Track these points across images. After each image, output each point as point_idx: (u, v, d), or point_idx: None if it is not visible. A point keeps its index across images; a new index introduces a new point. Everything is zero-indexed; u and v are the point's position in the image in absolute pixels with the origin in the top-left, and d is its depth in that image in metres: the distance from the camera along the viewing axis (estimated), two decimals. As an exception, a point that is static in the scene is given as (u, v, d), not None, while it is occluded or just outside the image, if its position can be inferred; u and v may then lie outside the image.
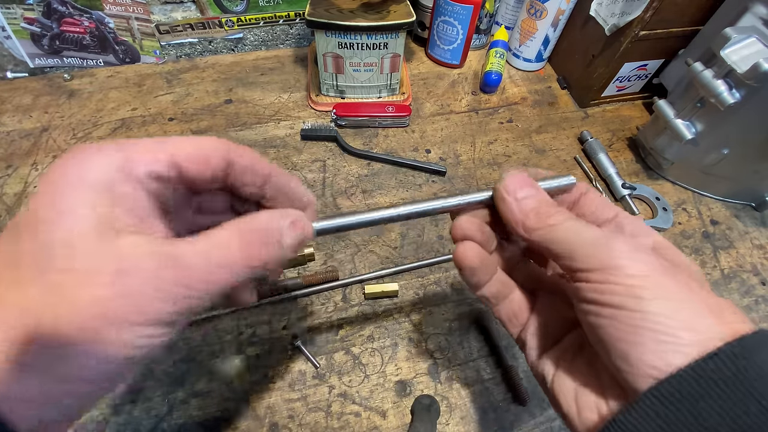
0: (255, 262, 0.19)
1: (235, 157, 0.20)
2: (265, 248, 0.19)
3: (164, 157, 0.18)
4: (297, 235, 0.21)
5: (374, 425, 0.36)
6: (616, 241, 0.19)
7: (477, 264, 0.24)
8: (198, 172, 0.19)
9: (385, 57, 0.54)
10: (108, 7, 0.56)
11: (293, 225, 0.21)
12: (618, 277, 0.18)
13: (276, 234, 0.20)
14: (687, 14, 0.52)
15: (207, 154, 0.20)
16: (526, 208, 0.22)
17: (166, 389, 0.36)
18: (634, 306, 0.18)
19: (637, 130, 0.58)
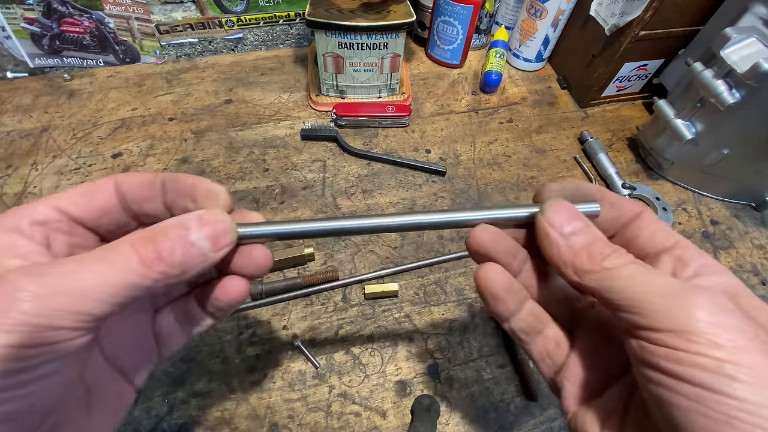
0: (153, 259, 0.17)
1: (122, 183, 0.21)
2: (165, 243, 0.18)
3: (41, 206, 0.19)
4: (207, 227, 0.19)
5: (374, 425, 0.36)
6: (697, 296, 0.15)
7: (501, 292, 0.21)
8: (84, 210, 0.20)
9: (385, 57, 0.54)
10: (108, 7, 0.56)
11: (198, 218, 0.19)
12: (702, 345, 0.14)
13: (177, 228, 0.18)
14: (687, 14, 0.52)
15: (90, 192, 0.20)
16: (576, 247, 0.19)
17: (166, 389, 0.36)
18: (726, 389, 0.14)
19: (637, 130, 0.58)
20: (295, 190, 0.50)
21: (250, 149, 0.53)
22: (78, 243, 0.21)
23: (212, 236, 0.19)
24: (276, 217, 0.47)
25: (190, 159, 0.52)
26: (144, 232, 0.18)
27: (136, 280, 0.17)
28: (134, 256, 0.17)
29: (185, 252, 0.18)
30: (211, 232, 0.19)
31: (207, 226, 0.19)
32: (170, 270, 0.18)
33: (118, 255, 0.17)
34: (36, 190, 0.48)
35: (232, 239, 0.20)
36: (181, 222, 0.19)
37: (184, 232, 0.18)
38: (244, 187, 0.50)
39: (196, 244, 0.18)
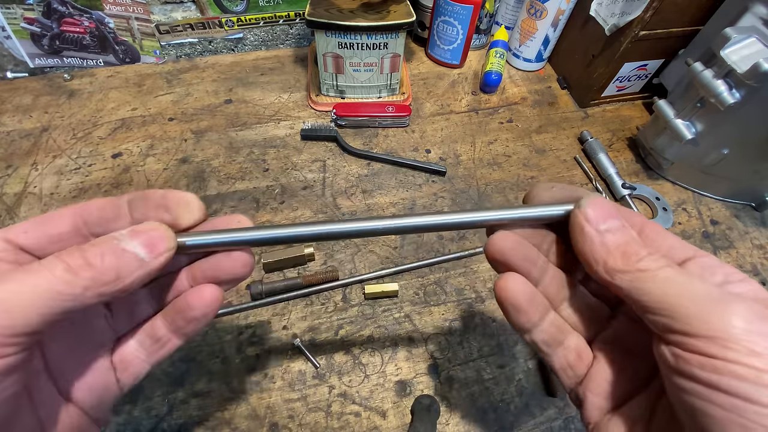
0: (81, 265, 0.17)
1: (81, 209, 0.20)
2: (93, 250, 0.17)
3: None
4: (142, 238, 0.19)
5: (374, 425, 0.36)
6: (733, 302, 0.15)
7: (524, 303, 0.20)
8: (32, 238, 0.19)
9: (385, 57, 0.54)
10: (108, 7, 0.56)
11: (132, 231, 0.19)
12: (739, 353, 0.14)
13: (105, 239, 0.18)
14: (687, 14, 0.52)
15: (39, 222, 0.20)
16: (611, 245, 0.18)
17: (166, 389, 0.36)
18: (766, 400, 0.13)
19: (637, 130, 0.58)
20: (295, 190, 0.50)
21: (250, 149, 0.53)
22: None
23: (146, 244, 0.19)
24: (276, 218, 0.47)
25: (190, 159, 0.52)
26: (71, 247, 0.18)
27: (62, 287, 0.16)
28: (59, 263, 0.17)
29: (118, 257, 0.18)
30: (144, 240, 0.19)
31: (139, 235, 0.19)
32: (102, 276, 0.17)
33: (42, 266, 0.17)
34: (36, 190, 0.48)
35: (169, 245, 0.19)
36: (113, 235, 0.19)
37: (115, 242, 0.18)
38: (244, 187, 0.50)
39: (129, 250, 0.18)
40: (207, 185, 0.50)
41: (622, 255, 0.18)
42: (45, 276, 0.16)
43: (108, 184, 0.49)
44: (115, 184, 0.49)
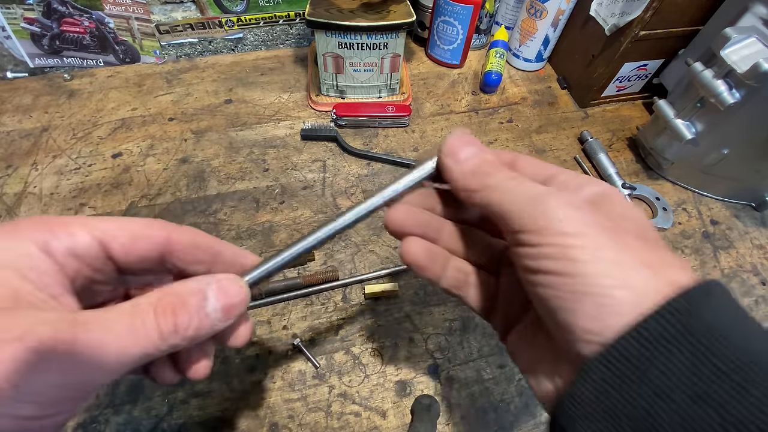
0: (171, 332, 0.18)
1: (178, 235, 0.21)
2: (184, 316, 0.18)
3: (85, 236, 0.19)
4: (225, 298, 0.20)
5: (374, 425, 0.36)
6: (551, 196, 0.17)
7: (424, 260, 0.22)
8: (123, 254, 0.20)
9: (385, 57, 0.54)
10: (108, 7, 0.56)
11: (219, 288, 0.20)
12: (552, 236, 0.17)
13: (197, 298, 0.19)
14: (687, 14, 0.52)
15: (135, 237, 0.20)
16: (467, 170, 0.20)
17: (166, 389, 0.36)
18: (571, 270, 0.16)
19: (637, 130, 0.58)
20: (295, 190, 0.50)
21: (250, 149, 0.53)
22: (100, 280, 0.20)
23: (227, 307, 0.20)
24: (276, 218, 0.47)
25: (190, 159, 0.52)
26: (166, 297, 0.18)
27: (151, 350, 0.17)
28: (155, 328, 0.17)
29: (200, 323, 0.19)
30: (226, 304, 0.20)
31: (225, 297, 0.20)
32: (181, 342, 0.18)
33: (142, 324, 0.17)
34: (36, 190, 0.48)
35: (242, 310, 0.21)
36: (202, 289, 0.19)
37: (203, 303, 0.19)
38: (244, 187, 0.50)
39: (210, 316, 0.19)
40: (207, 185, 0.50)
41: (474, 175, 0.20)
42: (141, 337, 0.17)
43: (108, 184, 0.49)
44: (115, 184, 0.49)
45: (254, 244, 0.45)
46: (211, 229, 0.46)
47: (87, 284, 0.19)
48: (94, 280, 0.20)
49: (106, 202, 0.47)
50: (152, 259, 0.21)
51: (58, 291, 0.17)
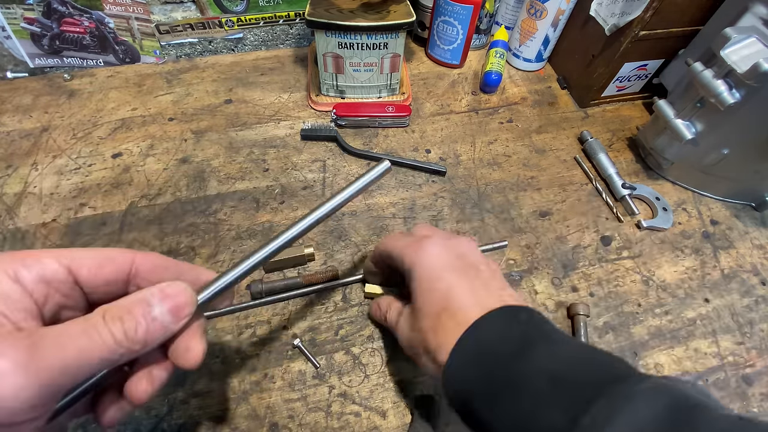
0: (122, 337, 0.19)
1: (142, 258, 0.23)
2: (131, 322, 0.19)
3: (53, 263, 0.20)
4: (169, 301, 0.21)
5: (374, 425, 0.36)
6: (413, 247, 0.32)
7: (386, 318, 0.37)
8: (91, 278, 0.21)
9: (385, 57, 0.54)
10: (108, 7, 0.56)
11: (161, 292, 0.21)
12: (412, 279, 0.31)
13: (141, 305, 0.20)
14: (687, 14, 0.52)
15: (101, 262, 0.22)
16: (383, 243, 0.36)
17: (166, 389, 0.36)
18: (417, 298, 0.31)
19: (637, 130, 0.58)
20: (295, 190, 0.50)
21: (250, 149, 0.53)
22: (68, 305, 0.22)
23: (173, 309, 0.21)
24: (276, 218, 0.47)
25: (190, 159, 0.52)
26: (112, 308, 0.20)
27: (107, 355, 0.19)
28: (107, 333, 0.19)
29: (148, 326, 0.20)
30: (172, 306, 0.21)
31: (169, 299, 0.21)
32: (133, 345, 0.19)
33: (95, 330, 0.18)
34: (36, 190, 0.48)
35: (191, 310, 0.22)
36: (145, 297, 0.21)
37: (148, 308, 0.20)
38: (244, 187, 0.50)
39: (158, 318, 0.20)
40: (207, 185, 0.50)
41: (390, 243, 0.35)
42: (98, 345, 0.18)
43: (108, 184, 0.49)
44: (115, 184, 0.49)
45: (254, 244, 0.45)
46: (211, 229, 0.46)
47: (56, 310, 0.21)
48: (63, 305, 0.21)
49: (106, 202, 0.47)
50: (118, 282, 0.22)
51: (21, 316, 0.19)
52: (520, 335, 0.26)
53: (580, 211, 0.51)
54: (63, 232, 0.45)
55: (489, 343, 0.26)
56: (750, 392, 0.40)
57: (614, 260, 0.47)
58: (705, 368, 0.41)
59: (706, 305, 0.45)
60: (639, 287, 0.45)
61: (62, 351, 0.17)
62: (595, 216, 0.51)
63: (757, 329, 0.43)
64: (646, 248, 0.48)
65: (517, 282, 0.45)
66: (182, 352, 0.23)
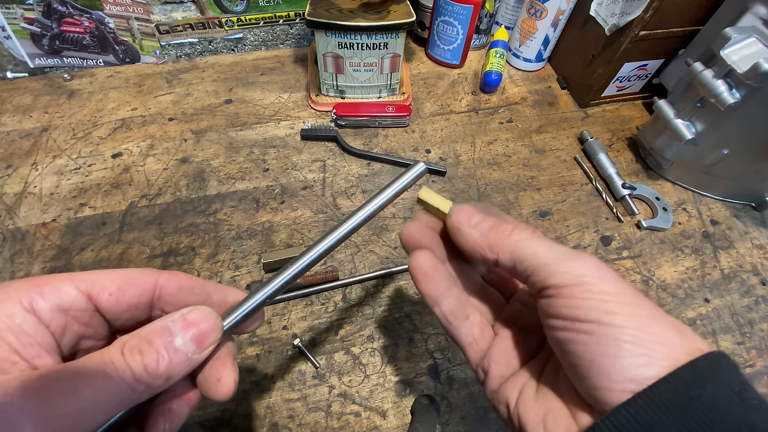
0: (143, 372, 0.17)
1: (166, 279, 0.21)
2: (152, 354, 0.17)
3: (72, 289, 0.19)
4: (192, 329, 0.19)
5: (374, 425, 0.36)
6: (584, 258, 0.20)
7: (430, 270, 0.24)
8: (113, 305, 0.20)
9: (385, 57, 0.54)
10: (108, 7, 0.56)
11: (183, 320, 0.19)
12: (593, 293, 0.19)
13: (162, 336, 0.18)
14: (687, 14, 0.52)
15: (123, 286, 0.20)
16: (485, 231, 0.22)
17: (166, 389, 0.36)
18: (611, 321, 0.18)
19: (637, 130, 0.58)
20: (295, 190, 0.50)
21: (250, 149, 0.53)
22: (88, 334, 0.20)
23: (197, 337, 0.19)
24: (276, 218, 0.47)
25: (190, 159, 0.52)
26: (131, 340, 0.18)
27: (127, 394, 0.17)
28: (126, 370, 0.17)
29: (171, 358, 0.18)
30: (196, 334, 0.19)
31: (191, 327, 0.19)
32: (156, 380, 0.18)
33: (113, 368, 0.17)
34: (36, 190, 0.48)
35: (216, 337, 0.20)
36: (166, 326, 0.19)
37: (170, 339, 0.18)
38: (244, 187, 0.50)
39: (181, 349, 0.19)
40: (207, 185, 0.50)
41: (497, 234, 0.22)
42: (116, 384, 0.17)
43: (108, 184, 0.49)
44: (115, 184, 0.49)
45: (254, 244, 0.45)
46: (211, 229, 0.46)
47: (76, 340, 0.20)
48: (83, 335, 0.20)
49: (106, 202, 0.47)
50: (142, 306, 0.21)
51: (36, 352, 0.17)
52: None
53: (580, 211, 0.51)
54: (63, 232, 0.45)
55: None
56: (750, 392, 0.40)
57: (614, 260, 0.47)
58: (705, 368, 0.41)
59: (706, 305, 0.45)
60: (639, 287, 0.45)
61: (76, 394, 0.16)
62: (595, 216, 0.51)
63: (757, 329, 0.43)
64: (646, 248, 0.48)
65: (517, 282, 0.45)
66: (213, 383, 0.21)
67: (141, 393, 0.17)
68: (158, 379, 0.18)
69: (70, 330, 0.19)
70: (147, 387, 0.17)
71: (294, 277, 0.23)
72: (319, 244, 0.23)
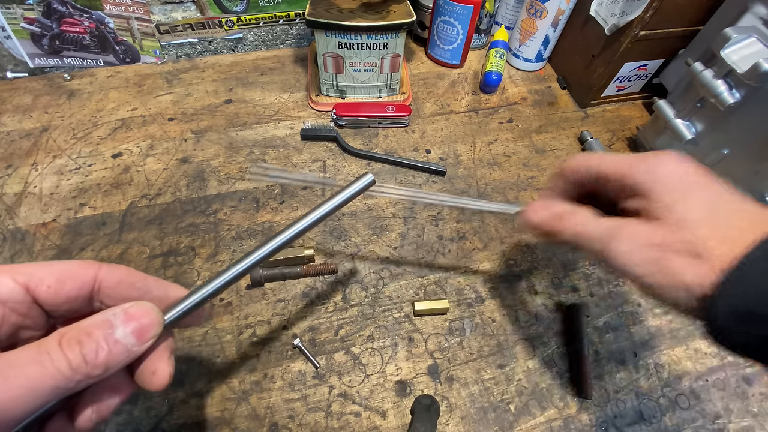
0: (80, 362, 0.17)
1: (105, 272, 0.21)
2: (91, 345, 0.18)
3: (9, 282, 0.19)
4: (134, 322, 0.19)
5: (374, 425, 0.36)
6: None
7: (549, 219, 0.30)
8: (51, 296, 0.20)
9: (385, 57, 0.54)
10: (108, 7, 0.56)
11: (126, 313, 0.19)
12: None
13: (103, 328, 0.19)
14: (687, 14, 0.52)
15: (61, 278, 0.20)
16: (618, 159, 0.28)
17: (166, 389, 0.36)
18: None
19: (637, 130, 0.58)
20: (295, 190, 0.50)
21: (250, 149, 0.53)
22: (26, 325, 0.20)
23: (138, 331, 0.20)
24: (276, 218, 0.47)
25: (190, 159, 0.52)
26: (70, 331, 0.18)
27: (62, 383, 0.17)
28: (63, 360, 0.17)
29: (110, 349, 0.18)
30: (136, 327, 0.20)
31: (133, 320, 0.20)
32: (94, 370, 0.18)
33: (48, 358, 0.17)
34: (36, 190, 0.48)
35: (157, 331, 0.21)
36: (107, 318, 0.19)
37: (110, 331, 0.19)
38: (244, 187, 0.50)
39: (121, 341, 0.19)
40: (207, 185, 0.50)
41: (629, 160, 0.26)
42: (50, 372, 0.17)
43: (108, 184, 0.49)
44: (115, 184, 0.49)
45: (254, 244, 0.45)
46: (211, 229, 0.46)
47: (14, 331, 0.20)
48: (21, 325, 0.20)
49: (106, 202, 0.47)
50: (81, 299, 0.21)
51: None
52: None
53: (580, 211, 0.51)
54: (63, 232, 0.45)
55: None
56: (750, 392, 0.40)
57: (614, 260, 0.47)
58: (705, 368, 0.41)
59: (706, 305, 0.45)
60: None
61: (9, 383, 0.16)
62: (595, 216, 0.51)
63: (757, 329, 0.43)
64: (646, 248, 0.48)
65: (517, 282, 0.45)
66: (148, 375, 0.21)
67: (77, 383, 0.18)
68: (96, 369, 0.18)
69: (8, 321, 0.19)
70: (84, 377, 0.18)
71: (232, 280, 0.24)
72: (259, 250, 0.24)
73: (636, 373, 0.40)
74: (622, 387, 0.39)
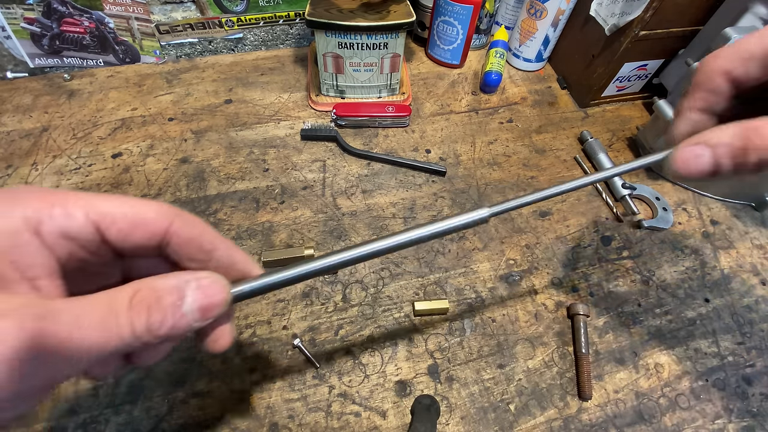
0: (143, 330, 0.17)
1: (178, 228, 0.20)
2: (158, 314, 0.18)
3: (81, 217, 0.18)
4: (204, 298, 0.19)
5: (374, 425, 0.36)
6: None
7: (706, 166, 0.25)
8: (121, 239, 0.19)
9: (385, 57, 0.54)
10: (108, 7, 0.56)
11: (199, 286, 0.19)
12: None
13: (173, 296, 0.18)
14: (687, 14, 0.52)
15: (133, 224, 0.19)
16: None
17: (166, 389, 0.36)
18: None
19: (637, 130, 0.58)
20: (295, 190, 0.50)
21: (250, 149, 0.53)
22: (96, 262, 0.20)
23: (204, 308, 0.19)
24: (276, 218, 0.47)
25: (190, 159, 0.52)
26: (142, 291, 0.18)
27: (120, 347, 0.17)
28: (128, 325, 0.17)
29: (175, 323, 0.18)
30: (204, 304, 0.19)
31: (203, 295, 0.19)
32: (152, 340, 0.18)
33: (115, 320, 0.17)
34: None
35: (222, 309, 0.20)
36: (180, 285, 0.19)
37: (179, 302, 0.18)
38: (244, 187, 0.50)
39: (187, 316, 0.19)
40: (207, 185, 0.50)
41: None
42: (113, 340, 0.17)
43: (108, 184, 0.49)
44: (115, 184, 0.49)
45: (254, 244, 0.45)
46: (211, 229, 0.46)
47: (81, 266, 0.19)
48: (88, 261, 0.19)
49: (106, 202, 0.47)
50: (149, 248, 0.20)
51: (38, 273, 0.17)
52: None
53: (580, 211, 0.51)
54: (63, 232, 0.45)
55: None
56: (750, 392, 0.40)
57: (614, 260, 0.47)
58: (705, 368, 0.41)
59: (706, 305, 0.45)
60: (639, 287, 0.45)
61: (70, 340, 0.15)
62: (595, 216, 0.51)
63: (757, 329, 0.43)
64: (646, 248, 0.48)
65: (517, 282, 0.45)
66: (210, 341, 0.22)
67: (132, 347, 0.18)
68: (155, 339, 0.18)
69: (75, 256, 0.19)
70: (140, 343, 0.18)
71: (314, 273, 0.23)
72: (352, 250, 0.23)
73: (636, 373, 0.40)
74: (622, 387, 0.39)
